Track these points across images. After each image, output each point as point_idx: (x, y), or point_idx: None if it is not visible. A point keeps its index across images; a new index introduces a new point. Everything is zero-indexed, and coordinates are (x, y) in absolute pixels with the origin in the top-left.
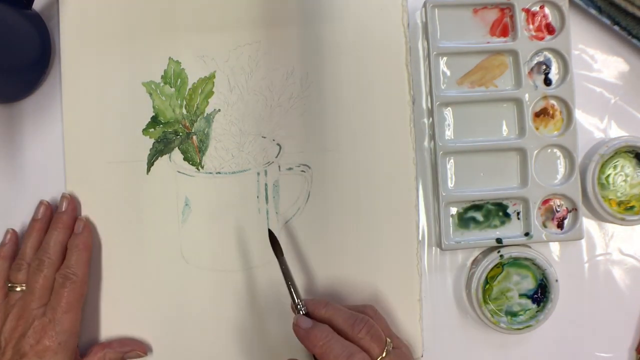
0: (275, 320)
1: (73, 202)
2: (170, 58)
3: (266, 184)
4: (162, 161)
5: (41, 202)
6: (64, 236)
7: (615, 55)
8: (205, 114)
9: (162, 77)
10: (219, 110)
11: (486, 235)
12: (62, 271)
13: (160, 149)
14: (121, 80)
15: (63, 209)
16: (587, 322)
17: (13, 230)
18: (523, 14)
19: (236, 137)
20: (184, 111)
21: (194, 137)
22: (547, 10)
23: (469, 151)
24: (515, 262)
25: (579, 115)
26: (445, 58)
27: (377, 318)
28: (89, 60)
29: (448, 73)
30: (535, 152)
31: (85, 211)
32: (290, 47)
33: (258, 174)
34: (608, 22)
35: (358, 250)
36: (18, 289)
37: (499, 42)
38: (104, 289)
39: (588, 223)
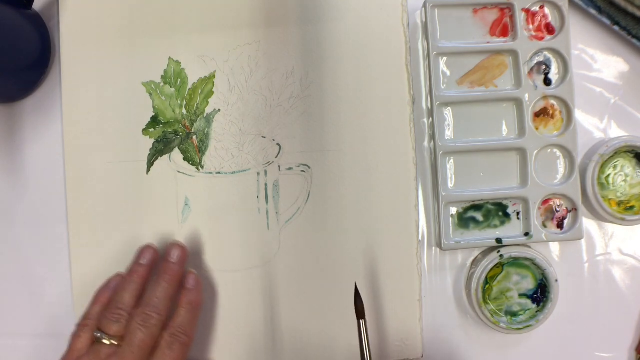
0: (275, 320)
1: (185, 253)
2: (170, 58)
3: (266, 184)
4: (162, 161)
5: (148, 247)
6: (173, 290)
7: (615, 55)
8: (205, 114)
9: (162, 77)
10: (219, 110)
11: (486, 235)
12: (172, 330)
13: (160, 149)
14: (121, 80)
15: (175, 260)
16: (587, 322)
17: (123, 276)
18: (523, 14)
19: (236, 137)
20: (184, 111)
21: (194, 137)
22: (547, 10)
23: (469, 151)
24: (515, 262)
25: (578, 115)
26: (445, 58)
27: None
28: (89, 60)
29: (448, 73)
30: (535, 152)
31: (85, 211)
32: (290, 47)
33: (258, 174)
34: (608, 22)
35: (358, 250)
36: (107, 341)
37: (498, 42)
38: None
39: (588, 223)
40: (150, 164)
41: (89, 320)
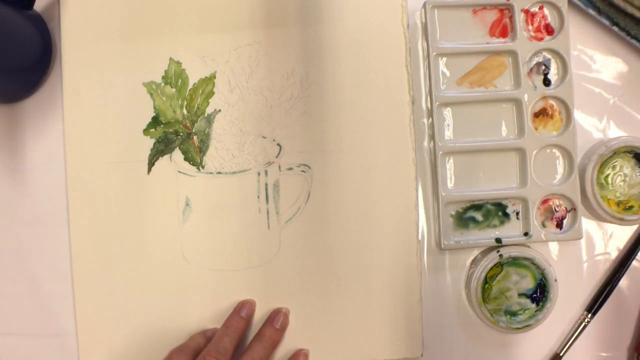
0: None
1: (286, 319)
2: (170, 58)
3: (266, 184)
4: (162, 161)
5: (249, 302)
6: (271, 354)
7: (614, 55)
8: (205, 114)
9: (163, 77)
10: (220, 110)
11: (485, 235)
12: None
13: (161, 149)
14: (122, 81)
15: (278, 326)
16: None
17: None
18: (522, 14)
19: (237, 137)
20: (185, 111)
21: (195, 137)
22: (546, 11)
23: (469, 151)
24: (515, 261)
25: (578, 115)
26: (444, 58)
27: None
28: (90, 61)
29: (447, 73)
30: (535, 152)
31: (86, 211)
32: (291, 48)
33: (258, 174)
34: (607, 22)
35: (358, 250)
36: None
37: (498, 43)
38: (105, 289)
39: (587, 223)
40: (150, 164)
41: (185, 351)
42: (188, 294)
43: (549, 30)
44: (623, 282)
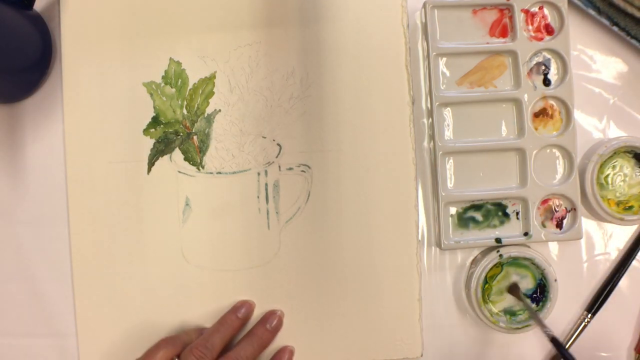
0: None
1: (280, 322)
2: (170, 58)
3: (266, 184)
4: (162, 161)
5: (247, 302)
6: (260, 353)
7: (614, 55)
8: (205, 114)
9: (163, 77)
10: (220, 110)
11: (485, 235)
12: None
13: (160, 149)
14: (122, 81)
15: (270, 328)
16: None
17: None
18: (522, 14)
19: (236, 137)
20: (185, 111)
21: (195, 137)
22: (546, 11)
23: (469, 151)
24: (515, 261)
25: (577, 115)
26: (444, 58)
27: None
28: (90, 61)
29: (447, 73)
30: (535, 152)
31: (86, 211)
32: (291, 48)
33: (258, 174)
34: (607, 22)
35: (358, 250)
36: None
37: (498, 43)
38: (105, 289)
39: (587, 223)
40: (151, 164)
41: (174, 342)
42: (188, 294)
43: (549, 30)
44: (623, 282)
